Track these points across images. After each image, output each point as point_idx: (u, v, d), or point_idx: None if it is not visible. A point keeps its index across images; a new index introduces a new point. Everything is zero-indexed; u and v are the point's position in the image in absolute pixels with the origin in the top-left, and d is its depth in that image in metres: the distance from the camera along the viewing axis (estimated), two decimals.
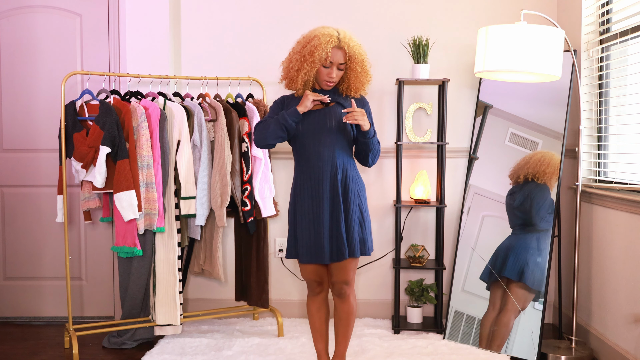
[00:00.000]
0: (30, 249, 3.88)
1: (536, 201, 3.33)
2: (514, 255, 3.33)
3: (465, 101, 3.83)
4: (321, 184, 2.66)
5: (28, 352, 3.34)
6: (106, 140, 3.04)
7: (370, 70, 2.77)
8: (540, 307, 3.23)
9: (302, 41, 2.70)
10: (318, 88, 2.76)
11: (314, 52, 2.62)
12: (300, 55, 2.66)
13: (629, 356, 2.90)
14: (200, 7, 3.85)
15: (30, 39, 3.80)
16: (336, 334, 2.86)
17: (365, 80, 2.74)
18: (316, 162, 2.67)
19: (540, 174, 3.35)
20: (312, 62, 2.63)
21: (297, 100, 2.75)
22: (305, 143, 2.69)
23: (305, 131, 2.68)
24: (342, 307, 2.80)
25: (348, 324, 2.82)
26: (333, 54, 2.64)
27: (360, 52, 2.69)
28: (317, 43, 2.62)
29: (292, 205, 2.76)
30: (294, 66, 2.68)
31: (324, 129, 2.67)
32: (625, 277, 2.96)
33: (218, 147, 3.32)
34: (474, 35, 3.68)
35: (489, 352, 3.27)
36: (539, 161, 3.37)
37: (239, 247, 3.70)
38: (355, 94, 2.75)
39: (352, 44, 2.66)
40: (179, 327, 3.41)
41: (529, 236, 3.33)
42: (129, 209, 3.06)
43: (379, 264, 3.91)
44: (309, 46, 2.64)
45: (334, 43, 2.63)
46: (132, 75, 3.38)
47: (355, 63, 2.68)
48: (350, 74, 2.70)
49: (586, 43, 3.41)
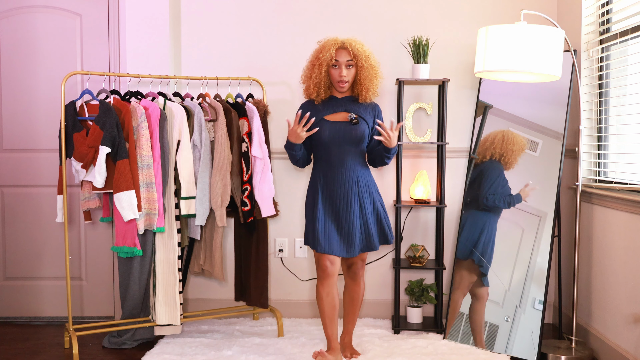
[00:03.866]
0: (30, 249, 3.88)
1: (486, 179, 3.48)
2: (464, 235, 3.54)
3: (465, 101, 3.83)
4: (347, 187, 2.97)
5: (28, 352, 3.34)
6: (106, 140, 3.04)
7: (380, 68, 3.00)
8: (540, 307, 3.23)
9: (312, 54, 3.01)
10: (338, 96, 3.03)
11: (319, 56, 2.92)
12: (311, 63, 2.99)
13: (629, 356, 2.90)
14: (200, 7, 3.85)
15: (30, 39, 3.80)
16: (346, 314, 3.18)
17: (375, 78, 2.97)
18: (339, 169, 2.97)
19: (508, 152, 3.45)
20: (319, 65, 2.92)
21: (318, 107, 3.01)
22: (330, 151, 2.97)
23: (332, 140, 2.96)
24: (355, 288, 3.14)
25: (357, 304, 3.16)
26: (338, 54, 2.92)
27: (364, 49, 2.95)
28: (322, 47, 2.94)
29: (313, 204, 3.01)
30: (306, 74, 3.00)
31: (349, 140, 2.96)
32: (625, 277, 2.96)
33: (218, 147, 3.32)
34: (474, 35, 3.68)
35: (489, 352, 3.27)
36: (503, 140, 3.49)
37: (239, 247, 3.70)
38: (371, 96, 2.99)
39: (355, 44, 2.93)
40: (179, 327, 3.42)
41: (479, 214, 3.48)
42: (128, 209, 3.06)
43: (379, 264, 3.91)
44: (315, 53, 2.97)
45: (338, 45, 2.93)
46: (132, 75, 3.38)
47: (361, 60, 2.92)
48: (359, 72, 2.95)
49: (586, 43, 3.41)
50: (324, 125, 2.96)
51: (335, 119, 2.97)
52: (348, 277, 3.15)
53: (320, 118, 2.96)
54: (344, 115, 2.98)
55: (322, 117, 2.97)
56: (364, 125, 2.97)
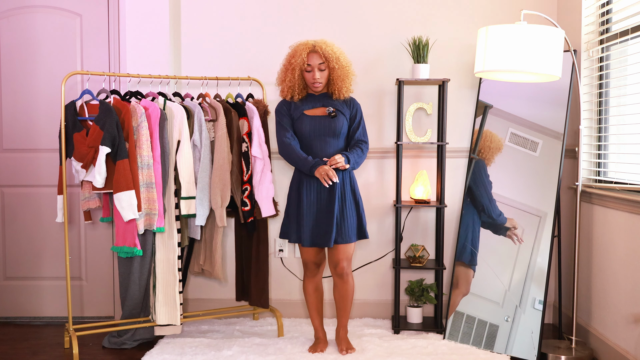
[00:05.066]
0: (30, 249, 3.88)
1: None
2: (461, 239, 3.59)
3: (465, 101, 3.83)
4: None
5: (28, 352, 3.34)
6: (106, 140, 3.04)
7: (352, 67, 3.16)
8: (540, 307, 3.23)
9: (286, 57, 3.17)
10: (315, 93, 3.19)
11: (292, 61, 3.10)
12: (284, 67, 3.16)
13: (629, 356, 2.90)
14: (200, 7, 3.85)
15: (30, 39, 3.80)
16: (338, 309, 3.27)
17: (347, 77, 3.12)
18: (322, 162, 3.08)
19: (485, 149, 3.50)
20: (292, 69, 3.10)
21: (297, 104, 3.18)
22: (312, 144, 3.13)
23: (313, 134, 3.12)
24: (343, 286, 3.22)
25: (348, 300, 3.25)
26: (309, 58, 3.08)
27: (334, 50, 3.10)
28: (294, 52, 3.11)
29: (296, 196, 3.16)
30: (281, 77, 3.17)
31: (329, 133, 3.12)
32: (625, 277, 2.96)
33: (218, 147, 3.32)
34: (474, 35, 3.68)
35: (489, 352, 3.27)
36: (483, 136, 3.56)
37: (239, 247, 3.70)
38: (344, 93, 3.15)
39: (325, 47, 3.08)
40: (179, 327, 3.41)
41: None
42: (128, 209, 3.06)
43: (379, 264, 3.91)
44: (288, 57, 3.14)
45: (309, 49, 3.08)
46: (132, 75, 3.38)
47: (331, 61, 3.07)
48: (332, 73, 3.11)
49: (586, 43, 3.41)
50: (304, 120, 3.13)
51: (314, 114, 3.14)
52: (335, 275, 3.22)
53: (300, 113, 3.14)
54: (322, 110, 3.15)
55: (301, 112, 3.14)
56: (342, 118, 3.14)
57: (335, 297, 3.28)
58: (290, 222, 3.17)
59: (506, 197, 3.46)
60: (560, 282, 3.47)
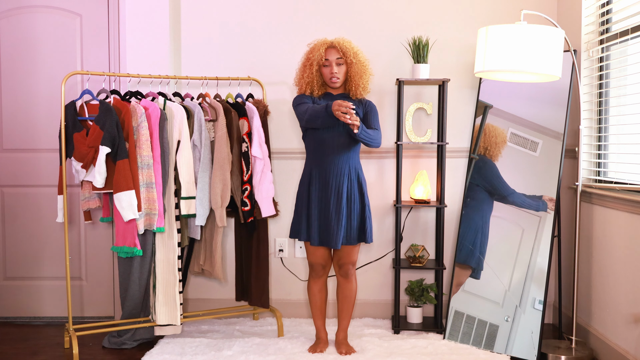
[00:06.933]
0: (30, 249, 3.88)
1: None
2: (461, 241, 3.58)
3: (465, 101, 3.83)
4: (339, 178, 3.09)
5: (28, 352, 3.34)
6: (106, 140, 3.04)
7: (369, 65, 3.15)
8: (540, 307, 3.24)
9: (303, 55, 3.18)
10: (333, 92, 3.17)
11: (310, 57, 3.11)
12: (302, 65, 3.16)
13: (629, 356, 2.90)
14: (200, 7, 3.85)
15: (30, 39, 3.80)
16: (340, 311, 3.29)
17: (364, 73, 3.11)
18: (333, 160, 3.09)
19: (492, 145, 3.48)
20: (310, 65, 3.09)
21: (316, 99, 3.16)
22: (325, 143, 3.09)
23: (327, 133, 3.07)
24: (347, 286, 3.25)
25: (351, 302, 3.27)
26: (327, 53, 3.08)
27: (352, 46, 3.10)
28: (312, 48, 3.12)
29: (306, 194, 3.14)
30: (299, 75, 3.17)
31: (343, 134, 3.07)
32: (625, 277, 2.96)
33: (218, 147, 3.32)
34: (474, 35, 3.68)
35: (489, 352, 3.27)
36: (487, 133, 3.55)
37: (239, 247, 3.70)
38: (362, 91, 3.13)
39: (343, 42, 3.09)
40: (179, 327, 3.41)
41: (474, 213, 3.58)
42: (128, 209, 3.06)
43: (379, 264, 3.91)
44: (306, 54, 3.15)
45: (327, 44, 3.09)
46: (132, 75, 3.38)
47: (349, 56, 3.07)
48: (349, 69, 3.10)
49: (586, 43, 3.41)
50: None
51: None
52: (340, 275, 3.25)
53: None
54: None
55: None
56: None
57: (338, 297, 3.29)
58: (300, 220, 3.15)
59: None
60: (560, 282, 3.47)
